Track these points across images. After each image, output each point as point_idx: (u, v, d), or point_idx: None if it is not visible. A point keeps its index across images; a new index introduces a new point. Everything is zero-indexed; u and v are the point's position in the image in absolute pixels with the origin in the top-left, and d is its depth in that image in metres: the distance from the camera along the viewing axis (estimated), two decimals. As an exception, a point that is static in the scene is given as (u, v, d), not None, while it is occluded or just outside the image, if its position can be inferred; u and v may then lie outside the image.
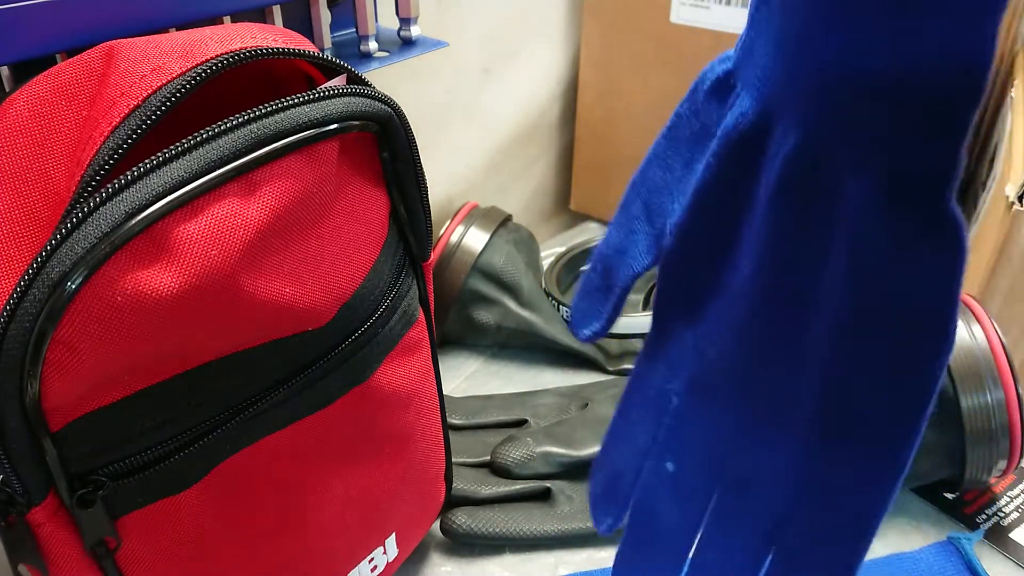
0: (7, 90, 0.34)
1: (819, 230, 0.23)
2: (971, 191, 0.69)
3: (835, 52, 0.20)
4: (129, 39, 0.30)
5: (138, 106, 0.27)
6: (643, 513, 0.30)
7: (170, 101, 0.27)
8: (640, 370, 0.30)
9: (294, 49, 0.31)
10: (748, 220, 0.24)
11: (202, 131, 0.27)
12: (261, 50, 0.30)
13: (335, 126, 0.30)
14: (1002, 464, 0.46)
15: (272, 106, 0.29)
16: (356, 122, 0.31)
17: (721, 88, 0.25)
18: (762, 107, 0.23)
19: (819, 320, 0.24)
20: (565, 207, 0.87)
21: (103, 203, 0.25)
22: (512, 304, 0.63)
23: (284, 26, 0.43)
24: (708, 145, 0.25)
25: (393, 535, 0.42)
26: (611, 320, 0.29)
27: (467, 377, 0.64)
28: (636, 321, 0.62)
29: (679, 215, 0.26)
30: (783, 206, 0.23)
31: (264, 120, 0.28)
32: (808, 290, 0.24)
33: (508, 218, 0.67)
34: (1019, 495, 0.51)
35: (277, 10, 0.43)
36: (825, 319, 0.23)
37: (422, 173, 0.36)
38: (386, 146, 0.34)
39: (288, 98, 0.29)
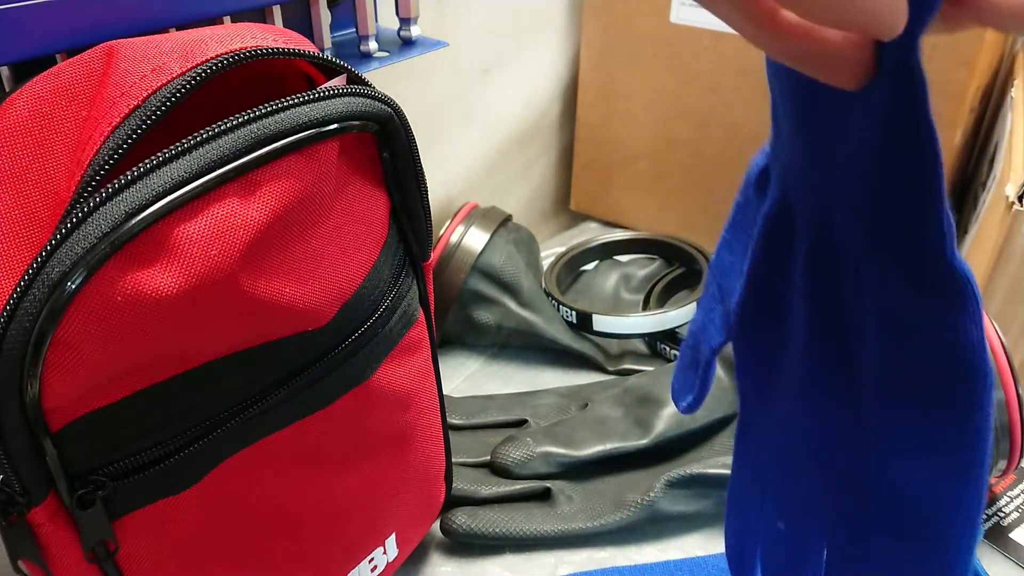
0: (7, 90, 0.34)
1: (850, 300, 0.25)
2: (971, 191, 0.69)
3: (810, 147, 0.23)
4: (129, 39, 0.30)
5: (138, 106, 0.27)
6: (770, 570, 0.33)
7: (170, 101, 0.27)
8: (738, 441, 0.32)
9: (294, 49, 0.31)
10: (791, 293, 0.27)
11: (202, 131, 0.27)
12: (261, 50, 0.30)
13: (335, 126, 0.30)
14: (1002, 464, 0.46)
15: (272, 106, 0.29)
16: (356, 122, 0.31)
17: (763, 179, 0.27)
18: (784, 197, 0.25)
19: (866, 378, 0.26)
20: (565, 207, 0.87)
21: (103, 203, 0.25)
22: (512, 304, 0.63)
23: (284, 26, 0.43)
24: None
25: (393, 535, 0.42)
26: (703, 392, 0.31)
27: (467, 377, 0.64)
28: (636, 321, 0.62)
29: (738, 294, 0.28)
30: (815, 284, 0.25)
31: (264, 120, 0.28)
32: (852, 352, 0.26)
33: (508, 218, 0.67)
34: (1019, 495, 0.51)
35: (277, 10, 0.43)
36: (871, 378, 0.25)
37: (422, 173, 0.36)
38: (386, 146, 0.34)
39: (288, 98, 0.29)
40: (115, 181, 0.26)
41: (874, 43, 0.19)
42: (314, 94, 0.30)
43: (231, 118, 0.28)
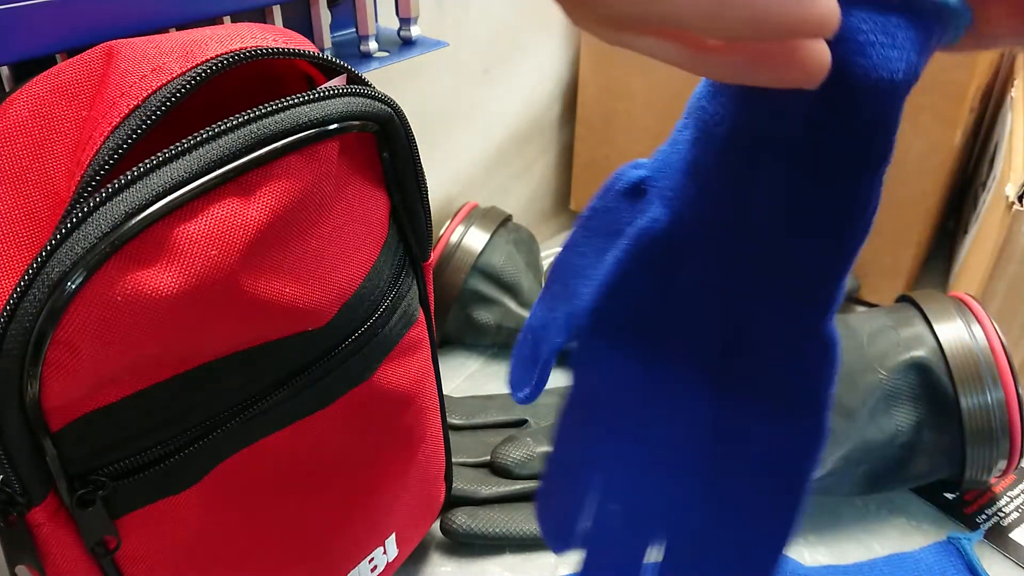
0: (7, 90, 0.34)
1: (728, 317, 0.26)
2: (971, 191, 0.70)
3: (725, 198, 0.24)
4: (129, 39, 0.30)
5: (138, 106, 0.27)
6: (597, 544, 0.33)
7: (170, 101, 0.27)
8: (570, 424, 0.32)
9: (294, 49, 0.31)
10: (662, 307, 0.28)
11: (202, 131, 0.27)
12: (261, 50, 0.30)
13: (335, 126, 0.30)
14: (1002, 464, 0.46)
15: (272, 106, 0.29)
16: (356, 122, 0.31)
17: (633, 191, 0.28)
18: (673, 219, 0.26)
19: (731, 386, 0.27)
20: (565, 207, 0.87)
21: (103, 203, 0.25)
22: (512, 304, 0.63)
23: (284, 26, 0.43)
24: (618, 239, 0.28)
25: (393, 535, 0.42)
26: (540, 386, 0.32)
27: (467, 377, 0.64)
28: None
29: (589, 300, 0.29)
30: (694, 297, 0.27)
31: (264, 120, 0.28)
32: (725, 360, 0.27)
33: (508, 218, 0.67)
34: (1019, 495, 0.51)
35: (277, 10, 0.43)
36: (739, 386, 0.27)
37: (422, 173, 0.36)
38: (386, 146, 0.34)
39: (288, 98, 0.29)
40: (115, 181, 0.26)
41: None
42: (314, 94, 0.30)
43: (231, 118, 0.28)
